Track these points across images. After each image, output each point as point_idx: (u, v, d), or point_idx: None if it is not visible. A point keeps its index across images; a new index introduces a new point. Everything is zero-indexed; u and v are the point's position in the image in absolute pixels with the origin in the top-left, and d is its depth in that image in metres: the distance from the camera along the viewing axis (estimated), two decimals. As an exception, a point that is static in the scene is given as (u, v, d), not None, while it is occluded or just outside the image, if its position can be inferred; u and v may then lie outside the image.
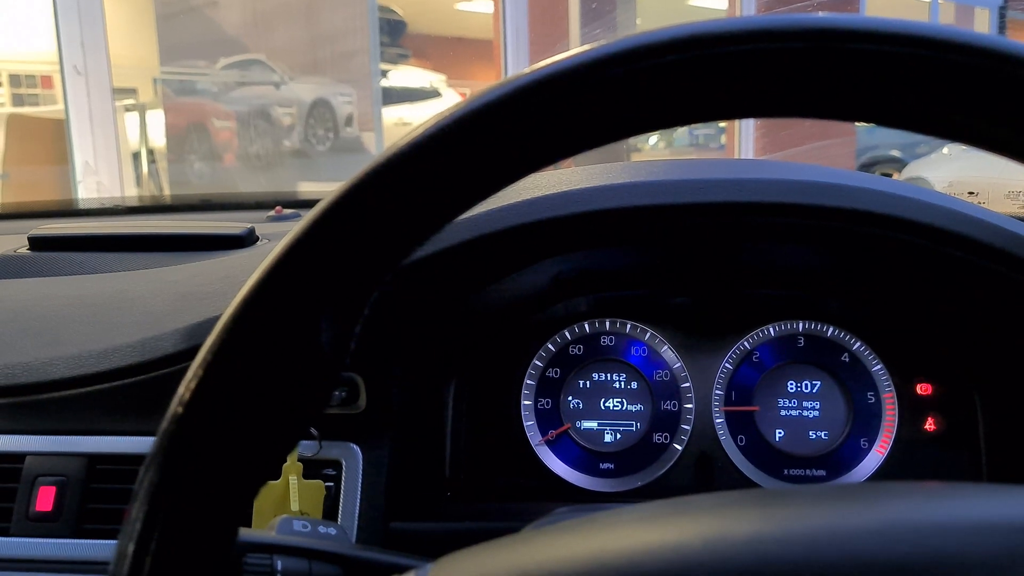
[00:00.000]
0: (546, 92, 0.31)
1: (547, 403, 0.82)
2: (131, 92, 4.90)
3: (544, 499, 0.79)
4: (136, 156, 4.73)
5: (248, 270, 0.78)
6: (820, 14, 0.30)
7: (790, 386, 0.81)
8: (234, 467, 0.33)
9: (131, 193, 4.10)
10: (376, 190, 0.32)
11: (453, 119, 0.32)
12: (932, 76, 0.29)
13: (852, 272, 0.75)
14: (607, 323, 0.82)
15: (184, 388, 0.32)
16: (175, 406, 0.32)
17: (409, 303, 0.68)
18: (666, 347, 0.82)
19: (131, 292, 0.77)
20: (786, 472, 0.79)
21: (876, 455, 0.78)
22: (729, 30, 0.30)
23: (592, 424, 0.82)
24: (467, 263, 0.67)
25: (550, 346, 0.82)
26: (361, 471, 0.69)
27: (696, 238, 0.71)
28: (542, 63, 0.31)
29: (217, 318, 0.32)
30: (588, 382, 0.83)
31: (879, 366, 0.79)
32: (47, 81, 4.73)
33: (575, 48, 0.30)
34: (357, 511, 0.67)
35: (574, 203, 0.65)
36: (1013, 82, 0.29)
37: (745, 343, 0.81)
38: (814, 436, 0.80)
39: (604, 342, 0.83)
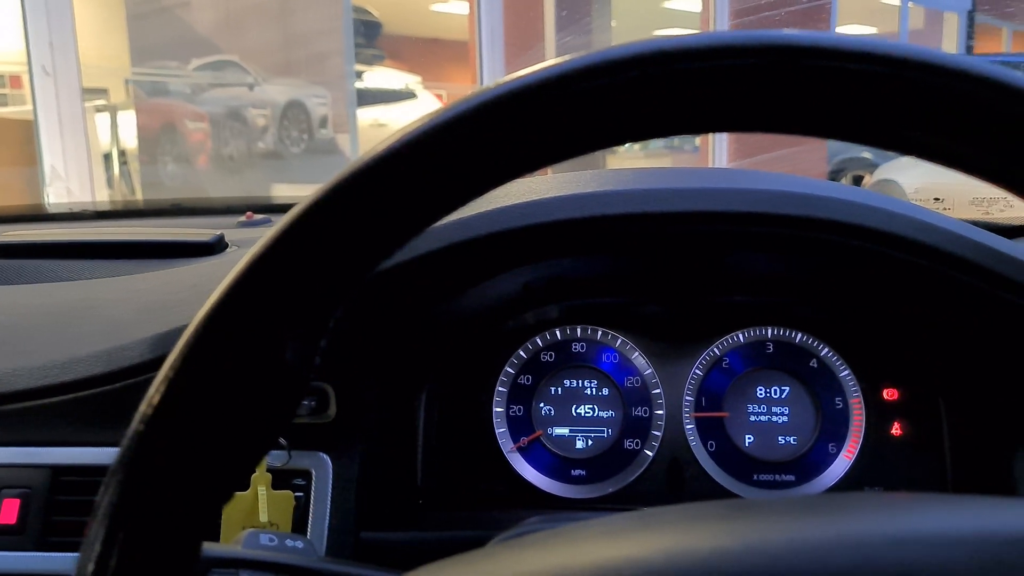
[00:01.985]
0: (512, 106, 0.31)
1: (519, 410, 0.82)
2: (102, 92, 4.84)
3: (516, 506, 0.79)
4: (107, 157, 4.67)
5: (216, 279, 0.77)
6: (784, 30, 0.30)
7: (759, 392, 0.81)
8: (198, 481, 0.33)
9: (102, 195, 4.05)
10: (339, 205, 0.32)
11: (417, 134, 0.32)
12: (890, 93, 0.30)
13: (820, 279, 0.76)
14: (578, 330, 0.83)
15: (146, 403, 0.32)
16: (137, 421, 0.32)
17: (379, 312, 0.68)
18: (637, 354, 0.82)
19: (97, 301, 0.76)
20: (756, 477, 0.80)
21: (844, 460, 0.79)
22: (689, 47, 0.30)
23: (564, 431, 0.82)
24: (437, 272, 0.67)
25: (521, 353, 0.82)
26: (331, 481, 0.68)
27: (666, 246, 0.72)
28: (508, 77, 0.31)
29: (184, 328, 0.32)
30: (560, 389, 0.83)
31: (846, 372, 0.80)
32: (16, 81, 4.66)
33: (547, 59, 0.30)
34: (327, 521, 0.67)
35: (544, 212, 0.65)
36: (968, 99, 0.29)
37: (715, 349, 0.81)
38: (783, 441, 0.80)
39: (575, 349, 0.83)
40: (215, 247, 0.88)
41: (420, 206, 0.33)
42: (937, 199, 1.08)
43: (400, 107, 6.38)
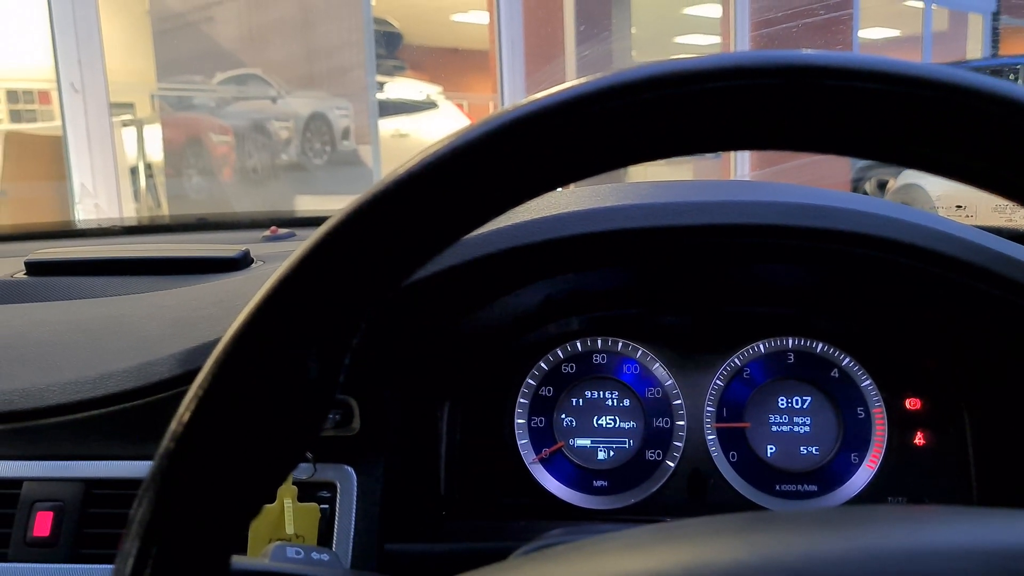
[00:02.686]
0: (527, 129, 0.32)
1: (540, 421, 0.83)
2: (128, 107, 4.92)
3: (538, 517, 0.80)
4: (134, 171, 4.75)
5: (242, 294, 0.79)
6: (801, 51, 0.31)
7: (781, 402, 0.81)
8: (228, 496, 0.34)
9: (129, 208, 4.11)
10: (364, 226, 0.33)
11: (437, 157, 0.33)
12: (907, 111, 0.30)
13: (840, 290, 0.76)
14: (599, 341, 0.83)
15: (177, 421, 0.33)
16: (168, 439, 0.33)
17: (402, 326, 0.69)
18: (658, 364, 0.82)
19: (126, 317, 0.78)
20: (778, 488, 0.80)
21: (866, 470, 0.79)
22: (706, 68, 0.31)
23: (585, 442, 0.82)
24: (458, 287, 0.68)
25: (543, 365, 0.83)
26: (356, 493, 0.69)
27: (685, 259, 0.72)
28: (525, 100, 0.32)
29: (211, 343, 0.33)
30: (581, 400, 0.83)
31: (868, 381, 0.80)
32: (45, 97, 4.75)
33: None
34: (352, 533, 0.68)
35: (564, 227, 0.66)
36: (983, 117, 0.30)
37: (736, 360, 0.82)
38: (805, 451, 0.80)
39: (596, 360, 0.83)
40: (240, 262, 0.89)
41: (443, 225, 0.34)
42: (960, 206, 1.07)
43: (422, 117, 6.41)
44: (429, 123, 6.35)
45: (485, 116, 0.32)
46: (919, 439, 0.79)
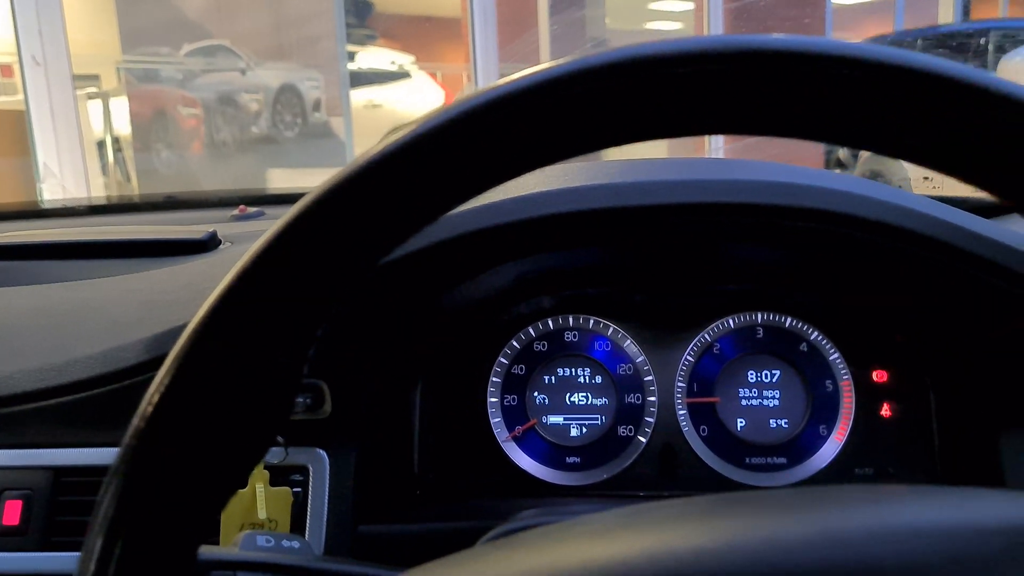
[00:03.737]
0: (487, 116, 0.31)
1: (513, 399, 0.83)
2: (93, 79, 4.81)
3: (512, 495, 0.80)
4: (101, 145, 4.66)
5: (209, 277, 0.78)
6: (752, 35, 0.31)
7: (750, 376, 0.82)
8: (196, 482, 0.34)
9: (97, 183, 4.04)
10: (325, 216, 0.33)
11: (396, 148, 0.32)
12: (857, 92, 0.30)
13: (808, 266, 0.77)
14: (571, 319, 0.83)
15: (143, 407, 0.33)
16: (135, 425, 0.33)
17: (373, 308, 0.69)
18: (629, 341, 0.83)
19: (92, 302, 0.77)
20: (748, 461, 0.81)
21: (835, 442, 0.80)
22: (669, 53, 0.31)
23: (558, 419, 0.83)
24: (429, 267, 0.67)
25: (515, 343, 0.83)
26: (328, 476, 0.69)
27: (656, 237, 0.72)
28: (488, 85, 0.31)
29: (179, 327, 0.33)
30: (553, 378, 0.84)
31: (836, 355, 0.81)
32: (7, 70, 4.63)
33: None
34: (325, 516, 0.68)
35: (535, 207, 0.65)
36: (922, 98, 0.30)
37: (706, 335, 0.82)
38: (774, 425, 0.81)
39: (568, 338, 0.84)
40: (208, 244, 0.88)
41: (411, 210, 0.33)
42: (927, 177, 1.08)
43: (394, 87, 6.34)
44: (402, 93, 6.27)
45: (444, 105, 0.32)
46: (885, 411, 0.80)
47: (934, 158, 0.32)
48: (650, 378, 0.82)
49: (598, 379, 0.83)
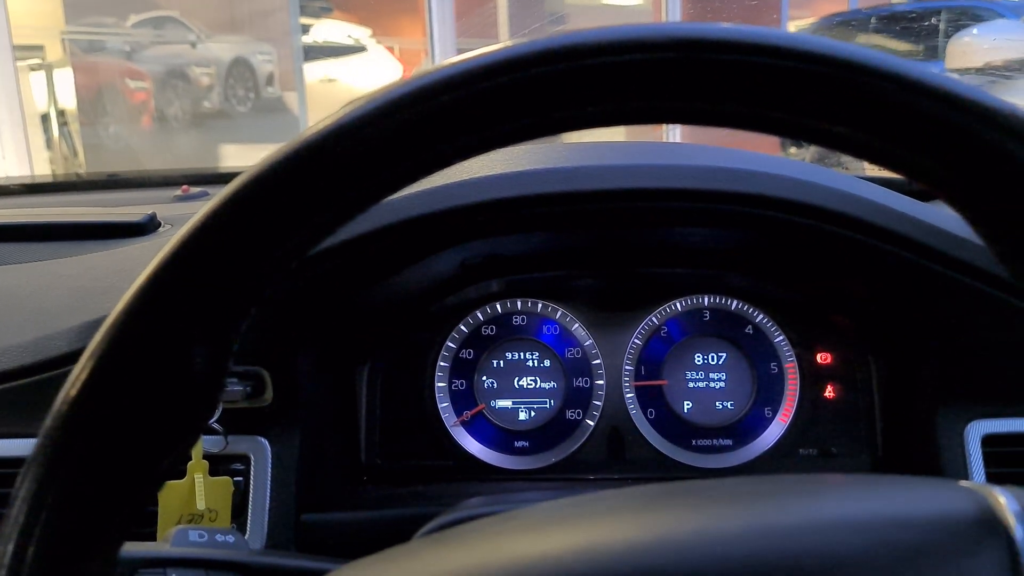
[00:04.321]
0: (419, 103, 0.30)
1: (461, 384, 0.82)
2: (36, 50, 4.65)
3: (460, 479, 0.80)
4: (45, 119, 4.52)
5: (146, 262, 0.75)
6: (687, 23, 0.30)
7: (697, 359, 0.83)
8: (114, 475, 0.33)
9: (41, 158, 3.92)
10: (241, 213, 0.32)
11: (322, 135, 0.31)
12: (790, 83, 0.30)
13: (754, 250, 0.77)
14: (519, 303, 0.83)
15: (61, 398, 0.32)
16: (53, 416, 0.32)
17: (313, 294, 0.67)
18: (577, 325, 0.82)
19: (22, 288, 0.74)
20: (694, 443, 0.81)
21: (779, 424, 0.81)
22: (601, 42, 0.30)
23: (506, 403, 0.83)
24: (370, 253, 0.66)
25: (463, 327, 0.82)
26: (270, 464, 0.68)
27: (602, 221, 0.72)
28: (417, 72, 0.30)
29: None
30: (502, 362, 0.83)
31: (781, 337, 0.81)
32: (-56, 40, 4.45)
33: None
34: (268, 505, 0.67)
35: (477, 192, 0.64)
36: (861, 90, 0.29)
37: (653, 318, 0.82)
38: (720, 407, 0.82)
39: (516, 322, 0.83)
40: (147, 227, 0.86)
41: (329, 205, 0.32)
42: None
43: (350, 62, 6.23)
44: (358, 68, 6.17)
45: (372, 94, 0.31)
46: (829, 392, 0.81)
47: (843, 144, 0.31)
48: (598, 361, 0.82)
49: (546, 363, 0.83)
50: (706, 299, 0.82)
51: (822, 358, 0.81)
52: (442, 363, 0.82)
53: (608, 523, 0.35)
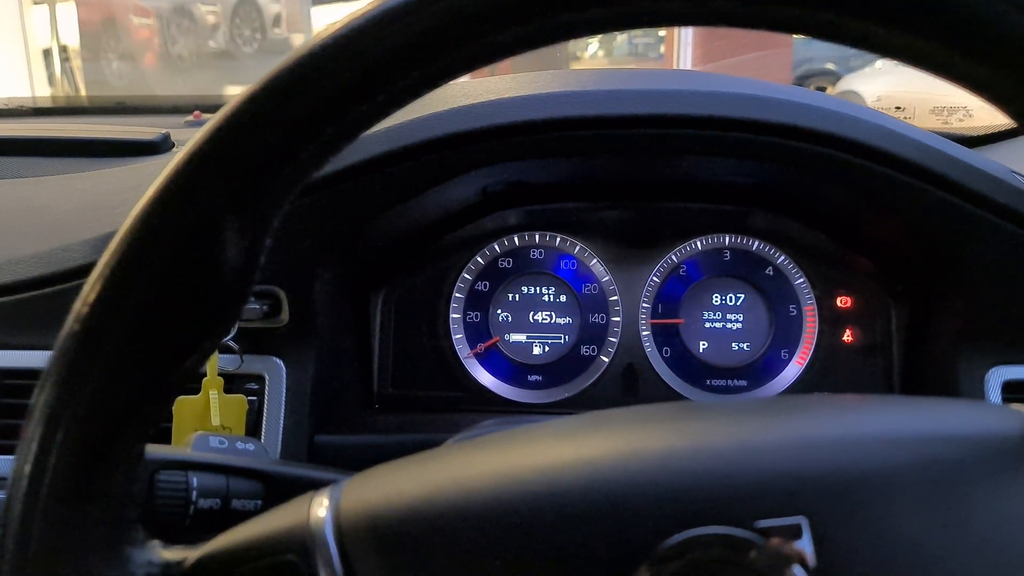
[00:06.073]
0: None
1: (476, 316, 0.82)
2: (38, -18, 4.57)
3: (472, 411, 0.79)
4: (47, 54, 4.45)
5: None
6: None
7: (715, 299, 0.82)
8: (137, 380, 0.32)
9: (43, 92, 3.87)
10: (278, 98, 0.30)
11: (364, 21, 0.30)
12: None
13: (778, 187, 0.76)
14: (536, 236, 0.82)
15: (80, 302, 0.31)
16: (71, 320, 0.31)
17: (332, 215, 0.66)
18: (595, 260, 0.81)
19: (37, 200, 0.73)
20: (709, 383, 0.81)
21: (795, 366, 0.80)
22: None
23: (521, 337, 0.82)
24: (390, 174, 0.65)
25: (479, 259, 0.81)
26: (285, 385, 0.68)
27: (626, 149, 0.70)
28: None
29: None
30: (517, 295, 0.82)
31: (802, 279, 0.80)
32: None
33: None
34: (281, 425, 0.67)
35: (503, 113, 0.63)
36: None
37: (672, 257, 0.81)
38: (736, 348, 0.81)
39: (533, 255, 0.82)
40: (160, 146, 0.84)
41: (363, 101, 0.31)
42: (899, 108, 1.08)
43: (359, 5, 6.12)
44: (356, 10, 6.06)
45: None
46: (847, 336, 0.80)
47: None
48: (615, 298, 0.81)
49: (562, 298, 0.82)
50: (727, 239, 0.81)
51: (842, 302, 0.80)
52: (457, 294, 0.81)
53: (644, 432, 0.34)
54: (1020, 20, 0.26)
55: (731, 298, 0.82)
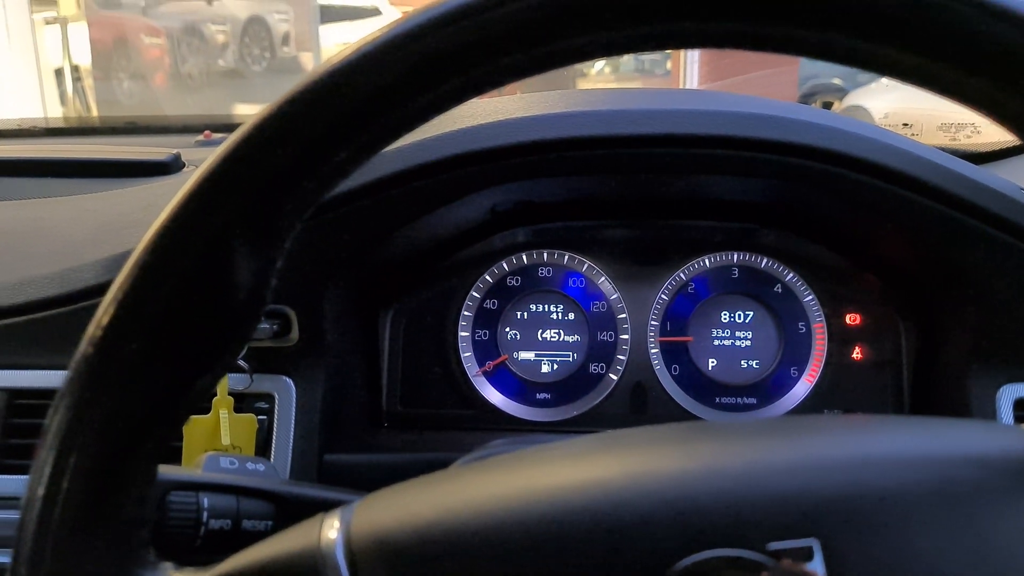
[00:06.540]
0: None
1: (484, 334, 0.82)
2: (51, 3, 4.62)
3: (481, 429, 0.79)
4: (59, 73, 4.50)
5: (171, 200, 0.74)
6: None
7: (724, 316, 0.82)
8: (151, 402, 0.32)
9: (55, 112, 3.91)
10: (292, 121, 0.31)
11: (378, 44, 0.30)
12: None
13: (786, 204, 0.76)
14: (545, 254, 0.82)
15: (94, 325, 0.31)
16: (85, 343, 0.31)
17: (342, 234, 0.67)
18: (603, 278, 0.82)
19: (49, 221, 0.73)
20: (718, 401, 0.81)
21: (805, 384, 0.80)
22: None
23: (529, 355, 0.82)
24: (400, 194, 0.65)
25: (487, 277, 0.82)
26: (294, 404, 0.68)
27: (635, 168, 0.71)
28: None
29: None
30: (525, 313, 0.82)
31: (811, 297, 0.80)
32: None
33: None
34: (291, 445, 0.67)
35: (511, 133, 0.63)
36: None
37: (681, 274, 0.81)
38: (746, 365, 0.81)
39: (542, 273, 0.82)
40: (171, 166, 0.85)
41: (378, 122, 0.31)
42: (906, 124, 1.08)
43: (365, 24, 6.17)
44: (373, 31, 6.10)
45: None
46: (857, 354, 0.80)
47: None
48: (623, 316, 0.81)
49: (571, 316, 0.82)
50: (735, 256, 0.81)
51: (851, 319, 0.80)
52: (466, 312, 0.81)
53: (655, 453, 0.34)
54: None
55: (740, 316, 0.82)
